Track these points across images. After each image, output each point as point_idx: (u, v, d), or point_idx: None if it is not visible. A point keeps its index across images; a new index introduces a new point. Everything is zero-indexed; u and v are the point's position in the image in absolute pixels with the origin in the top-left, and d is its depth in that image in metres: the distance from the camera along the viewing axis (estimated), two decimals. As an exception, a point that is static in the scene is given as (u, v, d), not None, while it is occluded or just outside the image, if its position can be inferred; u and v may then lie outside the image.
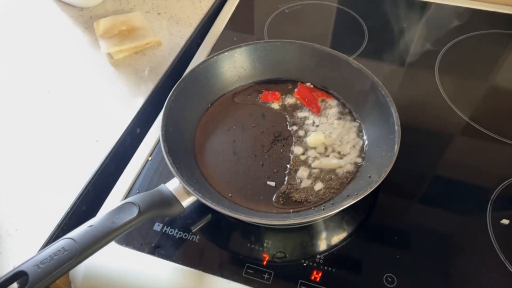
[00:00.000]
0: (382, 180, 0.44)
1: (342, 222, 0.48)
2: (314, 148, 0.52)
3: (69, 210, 0.48)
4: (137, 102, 0.59)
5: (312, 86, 0.59)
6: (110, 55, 0.65)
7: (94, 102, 0.59)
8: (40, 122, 0.57)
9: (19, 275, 0.36)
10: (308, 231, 0.47)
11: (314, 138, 0.52)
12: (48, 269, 0.37)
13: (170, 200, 0.44)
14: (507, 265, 0.43)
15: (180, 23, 0.71)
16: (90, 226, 0.39)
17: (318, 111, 0.55)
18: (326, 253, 0.45)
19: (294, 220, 0.44)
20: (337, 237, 0.47)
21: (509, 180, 0.50)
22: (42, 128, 0.56)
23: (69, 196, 0.49)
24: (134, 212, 0.41)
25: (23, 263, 0.37)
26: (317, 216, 0.44)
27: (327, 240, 0.47)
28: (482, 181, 0.51)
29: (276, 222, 0.45)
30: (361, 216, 0.48)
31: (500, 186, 0.49)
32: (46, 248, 0.38)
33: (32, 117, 0.57)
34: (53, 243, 0.38)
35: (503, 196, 0.49)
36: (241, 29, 0.72)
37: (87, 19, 0.72)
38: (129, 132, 0.57)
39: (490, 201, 0.48)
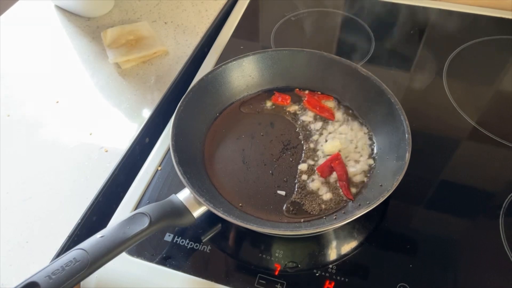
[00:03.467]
0: (394, 189, 0.43)
1: (353, 231, 0.47)
2: (328, 155, 0.52)
3: (79, 221, 0.48)
4: (145, 111, 0.60)
5: (320, 93, 0.59)
6: (117, 65, 0.65)
7: (102, 112, 0.60)
8: (49, 132, 0.57)
9: (30, 286, 0.36)
10: (319, 240, 0.46)
11: (330, 145, 0.52)
12: (60, 279, 0.36)
13: (181, 211, 0.44)
14: (522, 274, 0.43)
15: (187, 32, 0.71)
16: (102, 236, 0.39)
17: (333, 118, 0.55)
18: (338, 262, 0.44)
19: (306, 230, 0.44)
20: (349, 246, 0.46)
21: (520, 187, 0.50)
22: (51, 138, 0.56)
23: (79, 207, 0.49)
24: (145, 222, 0.41)
25: (34, 274, 0.37)
26: (329, 226, 0.44)
27: (339, 249, 0.46)
28: (494, 187, 0.50)
29: (288, 232, 0.45)
30: (372, 225, 0.48)
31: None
32: (57, 259, 0.38)
33: (41, 127, 0.57)
34: (65, 254, 0.38)
35: (515, 204, 0.48)
36: (247, 37, 0.72)
37: (94, 29, 0.72)
38: (138, 142, 0.57)
39: (502, 208, 0.48)
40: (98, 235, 0.39)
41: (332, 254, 0.46)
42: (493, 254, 0.44)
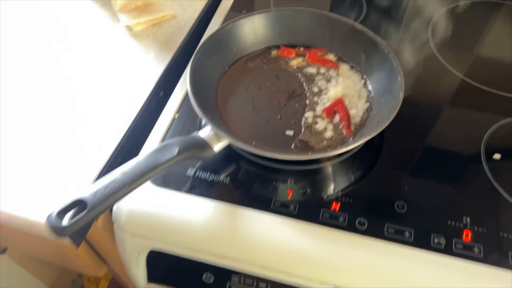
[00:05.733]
0: (390, 121, 0.49)
1: (354, 165, 0.53)
2: (331, 100, 0.58)
3: (107, 161, 0.53)
4: (158, 68, 0.64)
5: (320, 49, 0.65)
6: (129, 28, 0.70)
7: (117, 69, 0.64)
8: (71, 88, 0.61)
9: (78, 203, 0.41)
10: (326, 172, 0.53)
11: (333, 91, 0.58)
12: (103, 197, 0.41)
13: (203, 145, 0.49)
14: (499, 190, 0.50)
15: (192, -2, 0.76)
16: (137, 162, 0.44)
17: (336, 66, 0.62)
18: (343, 188, 0.51)
19: (312, 156, 0.50)
20: (352, 175, 0.52)
21: (499, 123, 0.57)
22: (75, 93, 0.61)
23: (105, 150, 0.54)
24: (174, 151, 0.46)
25: (81, 193, 0.41)
26: (332, 153, 0.50)
27: (343, 178, 0.52)
28: (476, 125, 0.57)
29: (298, 157, 0.51)
30: (372, 157, 0.54)
31: (491, 128, 0.56)
32: (99, 180, 0.42)
33: (61, 82, 0.62)
34: (106, 176, 0.43)
35: (494, 136, 0.55)
36: (250, 2, 0.77)
37: (102, -3, 0.76)
38: (155, 94, 0.61)
39: (483, 140, 0.55)
40: (133, 161, 0.44)
41: (338, 182, 0.52)
42: (477, 177, 0.52)
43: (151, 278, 0.57)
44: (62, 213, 0.40)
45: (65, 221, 0.40)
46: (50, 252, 0.62)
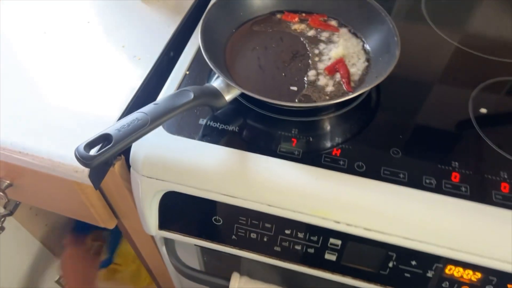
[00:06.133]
0: (387, 74, 0.54)
1: (354, 117, 0.58)
2: (332, 60, 0.62)
3: (123, 112, 0.57)
4: (169, 30, 0.68)
5: (320, 15, 0.69)
6: (140, -7, 0.73)
7: (131, 31, 0.67)
8: (85, 46, 0.64)
9: (104, 137, 0.45)
10: (328, 124, 0.57)
11: (334, 52, 0.62)
12: (127, 132, 0.45)
13: (216, 93, 0.53)
14: (484, 139, 0.55)
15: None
16: (156, 104, 0.48)
17: (337, 30, 0.66)
18: (343, 137, 0.55)
19: (314, 104, 0.54)
20: (351, 127, 0.57)
21: (486, 82, 0.61)
22: (87, 52, 0.64)
23: (120, 105, 0.58)
24: (190, 96, 0.50)
25: (107, 128, 0.45)
26: (332, 101, 0.55)
27: (344, 129, 0.56)
28: (465, 83, 0.62)
29: (301, 105, 0.56)
30: (370, 111, 0.58)
31: (479, 86, 0.61)
32: (123, 118, 0.46)
33: (77, 43, 0.65)
34: (128, 115, 0.46)
35: (481, 93, 0.60)
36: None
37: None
38: (166, 54, 0.65)
39: (471, 97, 0.60)
40: (153, 104, 0.48)
41: (338, 132, 0.56)
42: (465, 128, 0.56)
43: (162, 224, 0.61)
44: (89, 146, 0.44)
45: (92, 152, 0.43)
46: (65, 201, 0.65)
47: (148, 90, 0.61)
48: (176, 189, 0.54)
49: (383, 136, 0.55)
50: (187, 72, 0.62)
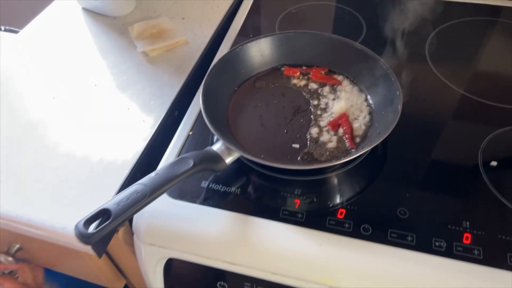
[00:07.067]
0: (390, 131, 0.53)
1: (358, 175, 0.56)
2: (335, 115, 0.61)
3: (126, 176, 0.57)
4: (173, 90, 0.69)
5: (321, 68, 0.69)
6: (145, 54, 0.75)
7: (136, 92, 0.69)
8: (91, 110, 0.66)
9: (103, 212, 0.45)
10: (332, 183, 0.56)
11: (338, 106, 0.61)
12: (126, 206, 0.45)
13: (216, 158, 0.53)
14: (497, 195, 0.52)
15: (203, 25, 0.81)
16: (156, 174, 0.48)
17: (339, 83, 0.66)
18: (348, 197, 0.54)
19: (317, 166, 0.53)
20: (357, 185, 0.55)
21: (495, 132, 0.59)
22: (98, 113, 0.66)
23: (126, 165, 0.58)
24: (190, 163, 0.50)
25: (105, 203, 0.45)
26: (336, 162, 0.53)
27: (348, 188, 0.55)
28: (473, 135, 0.60)
29: (303, 167, 0.54)
30: (375, 167, 0.57)
31: (488, 137, 0.59)
32: (122, 191, 0.46)
33: (84, 106, 0.67)
34: (128, 187, 0.47)
35: (491, 144, 0.58)
36: (255, 27, 0.82)
37: (120, 26, 0.82)
38: (170, 115, 0.66)
39: (480, 149, 0.58)
40: (153, 174, 0.48)
41: (342, 191, 0.55)
42: (474, 183, 0.54)
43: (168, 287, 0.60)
44: (88, 222, 0.44)
45: (91, 229, 0.44)
46: (73, 263, 0.65)
47: (152, 152, 0.62)
48: (179, 256, 0.53)
49: (389, 194, 0.54)
50: (191, 133, 0.63)
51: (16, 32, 0.86)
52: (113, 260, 0.65)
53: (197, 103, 0.67)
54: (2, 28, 0.95)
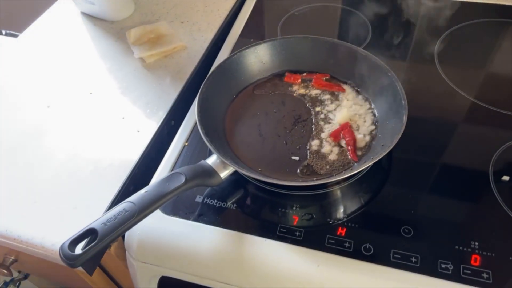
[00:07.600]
0: (394, 145, 0.50)
1: (360, 189, 0.54)
2: (337, 124, 0.58)
3: (119, 189, 0.55)
4: (170, 98, 0.67)
5: (322, 74, 0.66)
6: (142, 60, 0.73)
7: (132, 99, 0.67)
8: (86, 118, 0.64)
9: (90, 232, 0.43)
10: (332, 197, 0.53)
11: (340, 115, 0.59)
12: (113, 226, 0.43)
13: (210, 172, 0.51)
14: (509, 213, 0.49)
15: (202, 29, 0.79)
16: (146, 191, 0.46)
17: (342, 90, 0.63)
18: (349, 213, 0.51)
19: (318, 181, 0.50)
20: (358, 200, 0.53)
21: (507, 144, 0.56)
22: (88, 123, 0.64)
23: (119, 177, 0.56)
24: (182, 179, 0.48)
25: (92, 222, 0.43)
26: (337, 178, 0.51)
27: (349, 203, 0.53)
28: (483, 146, 0.57)
29: (303, 183, 0.51)
30: (379, 181, 0.54)
31: (500, 149, 0.55)
32: (110, 210, 0.44)
33: (79, 114, 0.65)
34: (116, 206, 0.45)
35: (502, 157, 0.55)
36: (256, 31, 0.80)
37: (118, 31, 0.80)
38: (166, 124, 0.64)
39: (491, 162, 0.54)
40: (143, 191, 0.46)
41: (343, 207, 0.52)
42: (485, 199, 0.51)
43: (163, 303, 0.58)
44: (74, 242, 0.42)
45: (78, 250, 0.42)
46: (68, 277, 0.64)
47: (147, 164, 0.60)
48: (172, 274, 0.51)
49: (393, 211, 0.51)
50: (186, 144, 0.61)
51: (16, 36, 0.85)
52: (107, 273, 0.63)
53: (193, 112, 0.65)
54: (3, 32, 0.94)
